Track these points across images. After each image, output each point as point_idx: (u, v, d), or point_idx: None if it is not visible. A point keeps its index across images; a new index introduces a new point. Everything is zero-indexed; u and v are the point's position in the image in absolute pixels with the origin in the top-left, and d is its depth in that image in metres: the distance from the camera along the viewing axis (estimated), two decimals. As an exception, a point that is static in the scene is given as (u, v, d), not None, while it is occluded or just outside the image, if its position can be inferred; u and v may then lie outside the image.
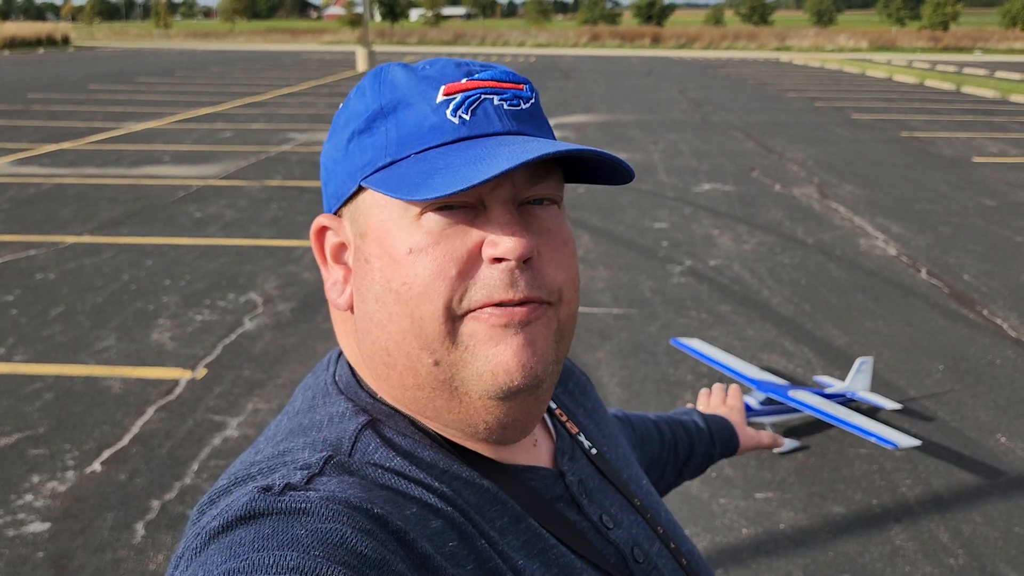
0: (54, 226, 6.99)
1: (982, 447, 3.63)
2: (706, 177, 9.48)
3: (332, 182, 0.69)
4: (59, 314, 5.00)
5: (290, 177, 9.19)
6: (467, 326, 0.61)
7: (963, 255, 6.46)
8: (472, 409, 0.64)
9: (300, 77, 24.69)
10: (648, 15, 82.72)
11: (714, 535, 3.03)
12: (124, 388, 4.06)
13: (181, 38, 67.46)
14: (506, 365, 0.61)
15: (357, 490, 0.58)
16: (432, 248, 0.61)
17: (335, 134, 0.69)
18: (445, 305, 0.61)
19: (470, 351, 0.61)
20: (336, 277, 0.69)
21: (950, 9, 63.38)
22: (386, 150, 0.64)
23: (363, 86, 0.68)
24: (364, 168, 0.64)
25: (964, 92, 21.01)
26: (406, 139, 0.63)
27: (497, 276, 0.61)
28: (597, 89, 21.11)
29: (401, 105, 0.64)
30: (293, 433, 0.65)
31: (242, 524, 0.54)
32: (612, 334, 4.81)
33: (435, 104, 0.63)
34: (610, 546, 0.70)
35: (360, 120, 0.66)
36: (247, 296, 5.36)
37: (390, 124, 0.64)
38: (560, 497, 0.70)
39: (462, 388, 0.63)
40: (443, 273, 0.61)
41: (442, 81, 0.64)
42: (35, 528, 2.96)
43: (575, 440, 0.77)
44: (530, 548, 0.64)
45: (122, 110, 15.48)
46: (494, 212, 0.62)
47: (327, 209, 0.70)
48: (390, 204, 0.63)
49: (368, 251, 0.64)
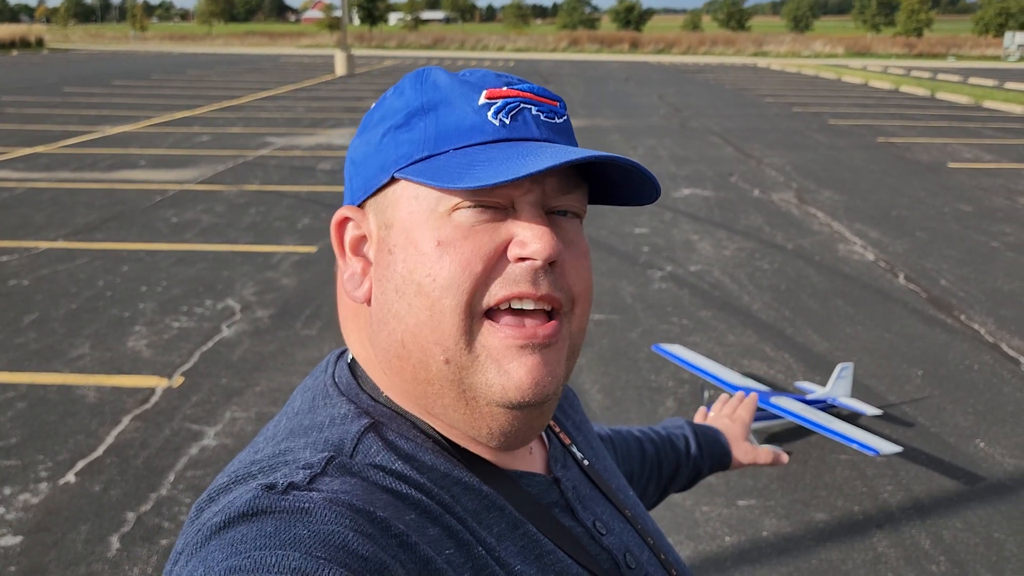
0: (28, 231, 6.88)
1: (961, 452, 3.65)
2: (686, 182, 9.52)
3: (360, 175, 0.69)
4: (32, 321, 4.91)
5: (268, 182, 9.11)
6: (484, 336, 0.62)
7: (940, 260, 6.52)
8: (478, 413, 0.64)
9: (279, 81, 24.55)
10: (626, 20, 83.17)
11: (697, 543, 3.02)
12: (99, 397, 3.99)
13: (158, 41, 66.91)
14: (519, 382, 0.62)
15: (359, 492, 0.58)
16: (461, 242, 0.62)
17: (367, 130, 0.70)
18: (467, 300, 0.62)
19: (481, 362, 0.63)
20: (355, 269, 0.69)
21: (924, 16, 64.27)
22: (424, 144, 0.65)
23: (402, 86, 0.69)
24: (399, 160, 0.65)
25: (939, 98, 21.28)
26: (445, 135, 0.64)
27: (520, 273, 0.62)
28: (576, 94, 21.16)
29: (442, 104, 0.66)
30: (294, 433, 0.65)
31: (244, 521, 0.54)
32: (593, 340, 4.80)
33: (477, 106, 0.65)
34: (603, 551, 0.71)
35: (398, 116, 0.67)
36: (225, 303, 5.30)
37: (429, 121, 0.65)
38: (556, 503, 0.71)
39: (470, 392, 0.64)
40: (470, 267, 0.61)
41: (484, 86, 0.66)
42: (6, 542, 2.89)
43: (567, 450, 0.79)
44: (527, 553, 0.65)
45: (97, 113, 15.30)
46: (524, 214, 0.63)
47: (350, 201, 0.70)
48: (422, 197, 0.64)
49: (393, 242, 0.65)
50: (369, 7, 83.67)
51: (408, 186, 0.65)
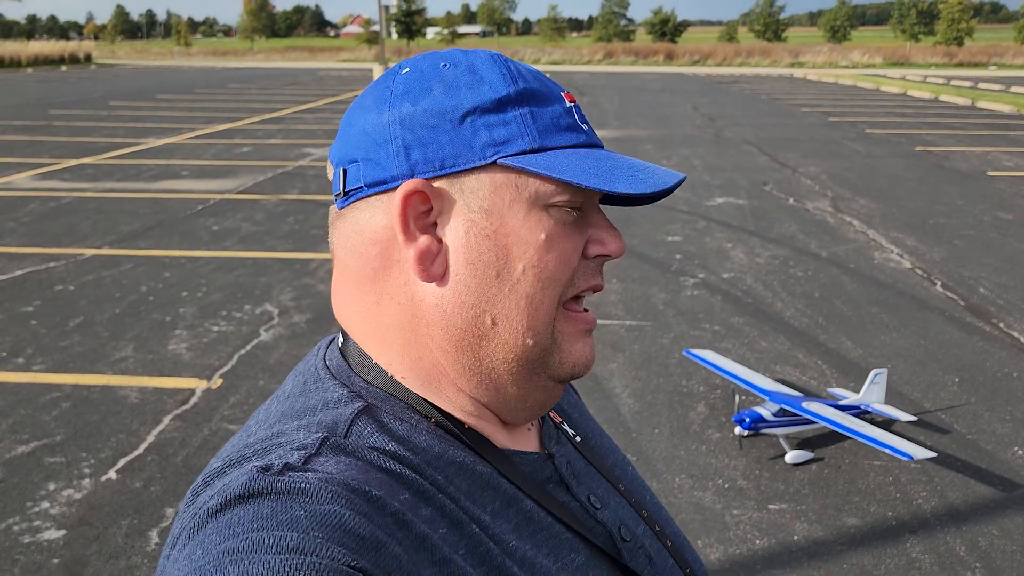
0: (74, 239, 7.08)
1: (999, 460, 3.60)
2: (719, 191, 9.48)
3: (430, 147, 0.65)
4: (77, 325, 5.06)
5: (306, 191, 9.26)
6: (560, 322, 0.68)
7: (978, 268, 6.42)
8: (533, 387, 0.70)
9: (318, 93, 24.91)
10: (662, 32, 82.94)
11: (727, 547, 3.01)
12: (140, 397, 4.10)
13: (201, 56, 68.25)
14: (585, 360, 0.70)
15: (355, 472, 0.58)
16: (563, 238, 0.67)
17: (423, 97, 0.66)
18: (562, 292, 0.67)
19: (557, 343, 0.69)
20: (428, 246, 0.66)
21: (965, 25, 63.17)
22: (530, 136, 0.66)
23: (475, 65, 0.68)
24: (499, 148, 0.64)
25: (979, 107, 20.91)
26: (546, 131, 0.67)
27: (595, 268, 0.70)
28: (611, 105, 21.17)
29: (536, 98, 0.67)
30: (286, 416, 0.65)
31: (240, 503, 0.54)
32: (625, 346, 4.81)
33: (567, 107, 0.69)
34: (598, 525, 0.72)
35: (483, 98, 0.65)
36: (263, 307, 5.40)
37: (525, 112, 0.66)
38: (550, 479, 0.72)
39: (540, 368, 0.69)
40: (569, 263, 0.67)
41: (560, 88, 0.70)
42: (50, 535, 2.99)
43: (559, 428, 0.80)
44: (522, 529, 0.65)
45: (142, 126, 15.67)
46: (595, 215, 0.70)
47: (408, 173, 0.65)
48: (523, 187, 0.65)
49: (493, 228, 0.65)
50: (407, 22, 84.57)
51: (508, 174, 0.65)
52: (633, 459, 3.56)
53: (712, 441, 3.75)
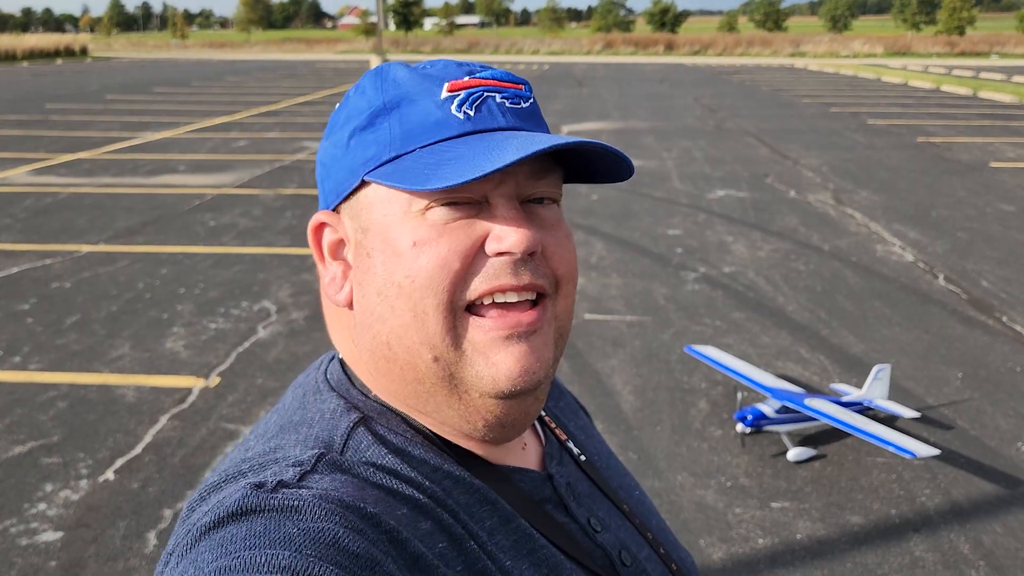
0: (70, 235, 7.04)
1: (1002, 456, 3.57)
2: (720, 184, 9.44)
3: (331, 179, 0.68)
4: (74, 323, 5.03)
5: (304, 186, 9.22)
6: (469, 331, 0.62)
7: (981, 261, 6.38)
8: (472, 406, 0.64)
9: (315, 86, 24.83)
10: (661, 22, 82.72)
11: (730, 545, 2.99)
12: (138, 396, 4.07)
13: (198, 48, 68.07)
14: (508, 371, 0.62)
15: (350, 489, 0.58)
16: (436, 241, 0.61)
17: (334, 131, 0.69)
18: (448, 298, 0.61)
19: (469, 356, 0.63)
20: (335, 273, 0.69)
21: (966, 14, 62.96)
22: (390, 145, 0.64)
23: (363, 84, 0.68)
24: (367, 163, 0.65)
25: (981, 97, 20.85)
26: (411, 134, 0.64)
27: (500, 266, 0.62)
28: (611, 96, 21.10)
29: (405, 101, 0.65)
30: (284, 430, 0.65)
31: (234, 521, 0.53)
32: (626, 342, 4.78)
33: (439, 100, 0.64)
34: (597, 548, 0.71)
35: (362, 117, 0.66)
36: (261, 304, 5.37)
37: (393, 120, 0.64)
38: (548, 499, 0.71)
39: (462, 386, 0.63)
40: (447, 265, 0.61)
41: (445, 78, 0.65)
42: (48, 537, 2.96)
43: (564, 446, 0.79)
44: (519, 548, 0.65)
45: (138, 120, 15.61)
46: (499, 208, 0.62)
47: (324, 206, 0.70)
48: (394, 199, 0.63)
49: (370, 246, 0.64)
50: (404, 12, 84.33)
51: (380, 188, 0.64)
52: (634, 457, 3.54)
53: (714, 438, 3.72)
